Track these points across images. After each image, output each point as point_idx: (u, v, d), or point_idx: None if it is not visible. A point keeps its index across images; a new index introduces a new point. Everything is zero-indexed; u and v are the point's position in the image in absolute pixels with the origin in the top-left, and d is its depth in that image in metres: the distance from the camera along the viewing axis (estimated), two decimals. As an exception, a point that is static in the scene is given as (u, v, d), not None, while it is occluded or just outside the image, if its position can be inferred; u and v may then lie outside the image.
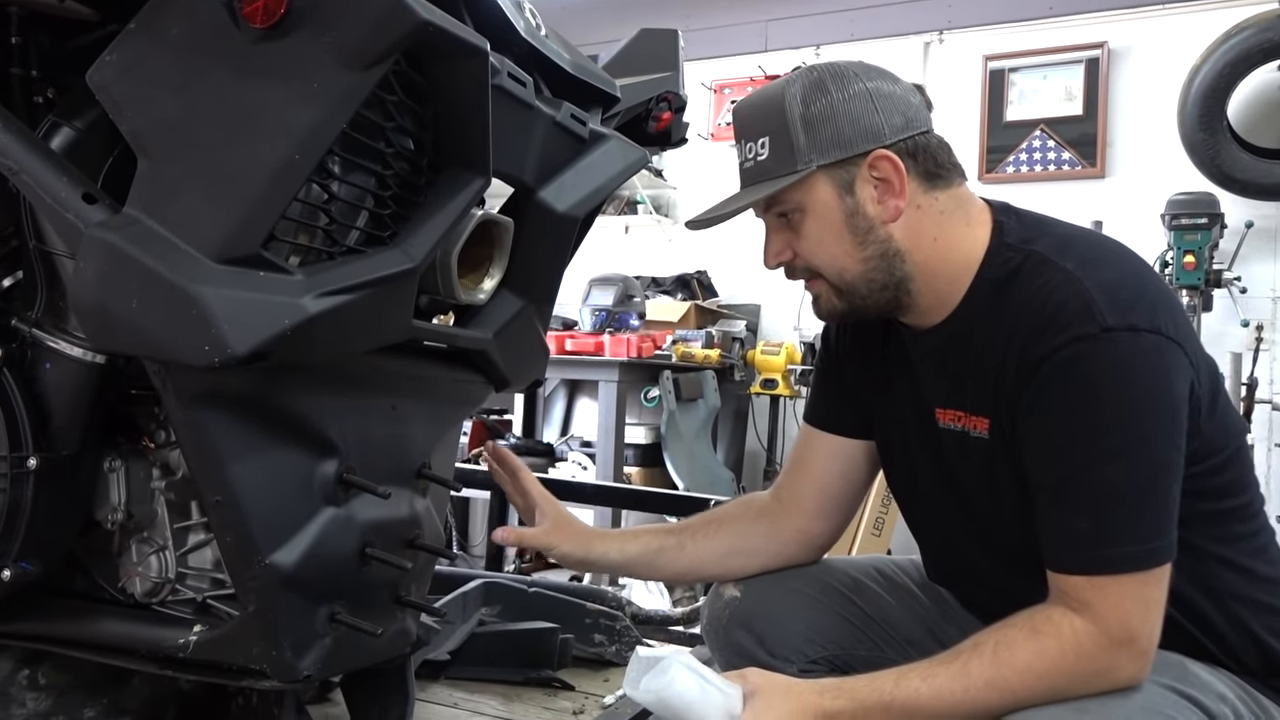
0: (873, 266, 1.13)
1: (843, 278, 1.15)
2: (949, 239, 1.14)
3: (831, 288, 1.17)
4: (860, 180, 1.11)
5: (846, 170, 1.11)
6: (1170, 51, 3.91)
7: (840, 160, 1.11)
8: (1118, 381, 1.01)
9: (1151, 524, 1.02)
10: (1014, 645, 1.02)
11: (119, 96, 0.96)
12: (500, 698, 1.78)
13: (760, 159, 1.14)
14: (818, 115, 1.11)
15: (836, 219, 1.13)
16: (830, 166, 1.11)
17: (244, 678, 1.13)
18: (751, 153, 1.15)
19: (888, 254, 1.13)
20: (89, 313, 0.96)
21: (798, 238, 1.16)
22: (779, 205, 1.15)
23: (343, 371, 1.12)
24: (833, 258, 1.14)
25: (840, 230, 1.13)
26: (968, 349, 1.14)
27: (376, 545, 1.17)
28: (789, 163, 1.12)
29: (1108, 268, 1.07)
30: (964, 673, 1.01)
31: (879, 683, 1.05)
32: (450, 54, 1.02)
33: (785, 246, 1.18)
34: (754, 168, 1.15)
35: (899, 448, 1.29)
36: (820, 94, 1.11)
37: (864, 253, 1.13)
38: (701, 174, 4.67)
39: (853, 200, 1.12)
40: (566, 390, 4.39)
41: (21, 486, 1.08)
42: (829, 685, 1.06)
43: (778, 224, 1.18)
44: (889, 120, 1.11)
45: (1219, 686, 1.06)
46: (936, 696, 1.02)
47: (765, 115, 1.14)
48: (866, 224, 1.12)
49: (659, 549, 1.37)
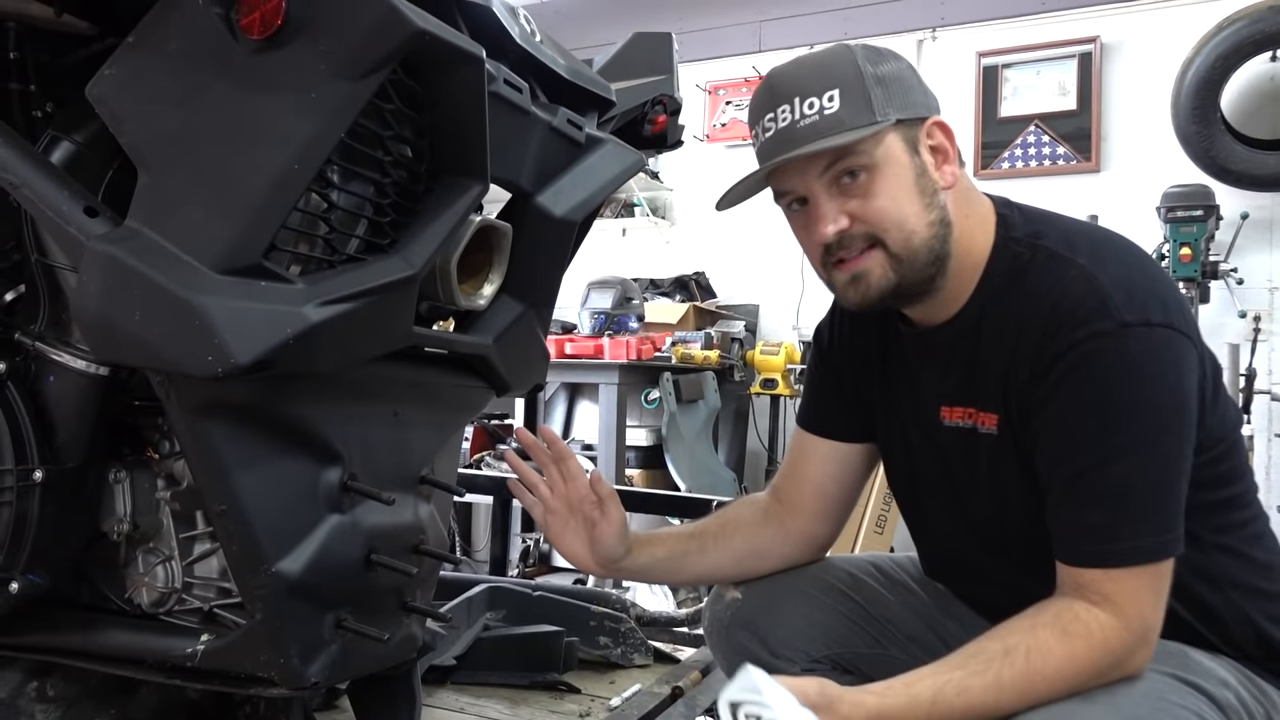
0: (935, 234, 1.10)
1: (909, 242, 1.09)
2: (974, 219, 1.14)
3: (890, 257, 1.10)
4: (921, 144, 1.11)
5: (912, 130, 1.10)
6: (1163, 45, 3.91)
7: (910, 119, 1.10)
8: (1134, 377, 1.02)
9: (1165, 517, 1.02)
10: (1046, 654, 1.00)
11: (118, 110, 0.96)
12: (506, 701, 1.79)
13: (828, 111, 1.07)
14: (889, 75, 1.10)
15: (908, 177, 1.09)
16: (902, 124, 1.09)
17: (251, 686, 1.14)
18: (813, 108, 1.08)
19: (944, 221, 1.11)
20: (92, 325, 0.96)
21: (864, 199, 1.09)
22: (851, 159, 1.08)
23: (345, 379, 1.13)
24: (904, 217, 1.09)
25: (911, 189, 1.10)
26: (978, 343, 1.14)
27: (381, 551, 1.18)
28: (867, 114, 1.07)
29: (1117, 262, 1.07)
30: (997, 684, 1.00)
31: (916, 705, 1.01)
32: (446, 62, 1.02)
33: (842, 213, 1.11)
34: (820, 120, 1.07)
35: (899, 447, 1.29)
36: (882, 59, 1.11)
37: (930, 215, 1.10)
38: (698, 176, 4.67)
39: (919, 161, 1.10)
40: (567, 394, 4.39)
41: (28, 499, 1.08)
42: (870, 706, 1.01)
43: (832, 189, 1.11)
44: (928, 96, 1.13)
45: (1221, 672, 1.07)
46: (968, 710, 1.01)
47: (832, 69, 1.10)
48: (931, 186, 1.10)
49: (683, 554, 1.36)
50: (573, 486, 1.31)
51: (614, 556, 1.31)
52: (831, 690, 1.00)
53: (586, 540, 1.31)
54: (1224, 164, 3.65)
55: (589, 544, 1.31)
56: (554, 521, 1.31)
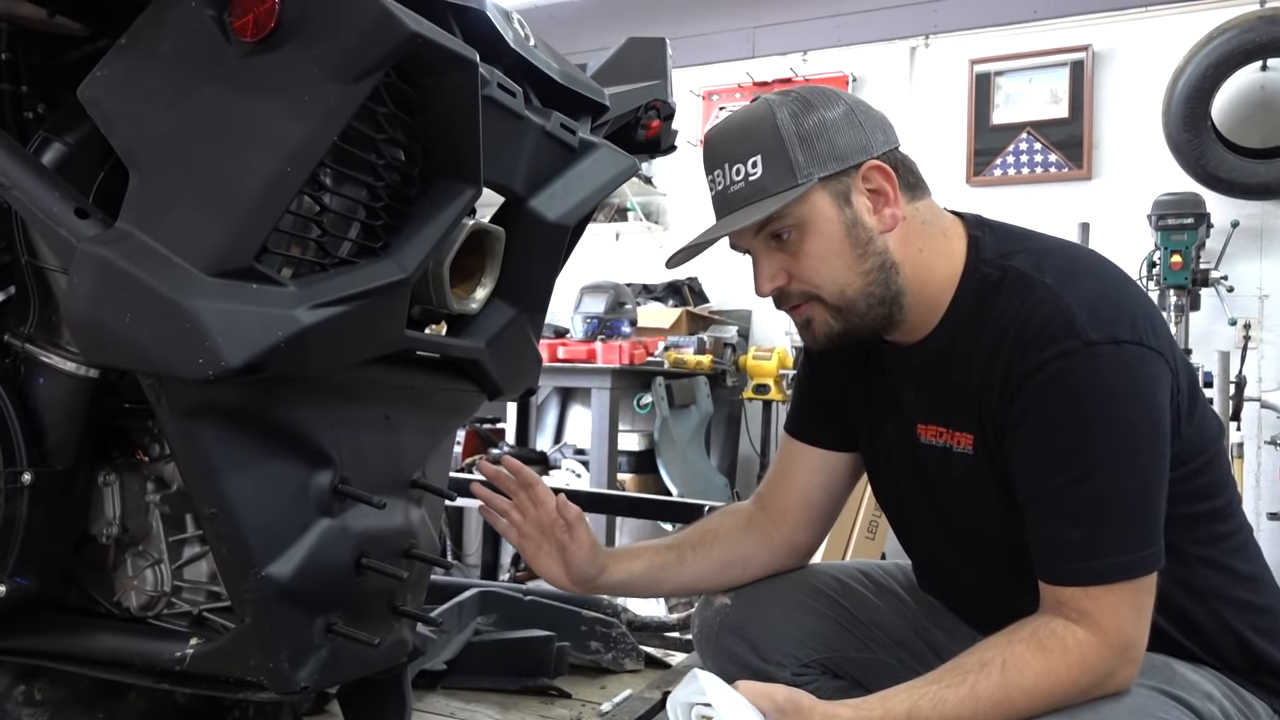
0: (872, 280, 1.12)
1: (844, 294, 1.13)
2: (932, 250, 1.14)
3: (828, 309, 1.14)
4: (855, 192, 1.11)
5: (841, 182, 1.11)
6: (1154, 53, 3.93)
7: (837, 173, 1.10)
8: (1104, 395, 1.02)
9: (1142, 532, 1.03)
10: (1022, 666, 1.01)
11: (110, 111, 0.96)
12: (497, 706, 1.78)
13: (753, 178, 1.11)
14: (811, 130, 1.10)
15: (837, 232, 1.11)
16: (828, 179, 1.10)
17: (241, 690, 1.13)
18: (740, 174, 1.12)
19: (885, 266, 1.12)
20: (82, 327, 0.96)
21: (795, 258, 1.13)
22: (777, 223, 1.12)
23: (336, 382, 1.12)
24: (834, 273, 1.12)
25: (841, 243, 1.11)
26: (950, 365, 1.14)
27: (372, 555, 1.17)
28: (788, 178, 1.09)
29: (1086, 280, 1.07)
30: (973, 696, 1.00)
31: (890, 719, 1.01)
32: (440, 66, 1.02)
33: (779, 270, 1.15)
34: (745, 188, 1.11)
35: (884, 463, 1.29)
36: (809, 111, 1.11)
37: (864, 265, 1.12)
38: (691, 181, 4.67)
39: (851, 212, 1.11)
40: (559, 398, 4.39)
41: (16, 502, 1.08)
42: (844, 718, 1.01)
43: (768, 247, 1.15)
44: (873, 135, 1.12)
45: (1205, 685, 1.08)
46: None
47: (754, 135, 1.12)
48: (866, 235, 1.11)
49: (661, 566, 1.36)
50: (542, 511, 1.33)
51: (587, 576, 1.32)
52: (803, 700, 1.00)
53: (561, 560, 1.32)
54: (1214, 172, 3.67)
55: (563, 564, 1.32)
56: (528, 545, 1.34)
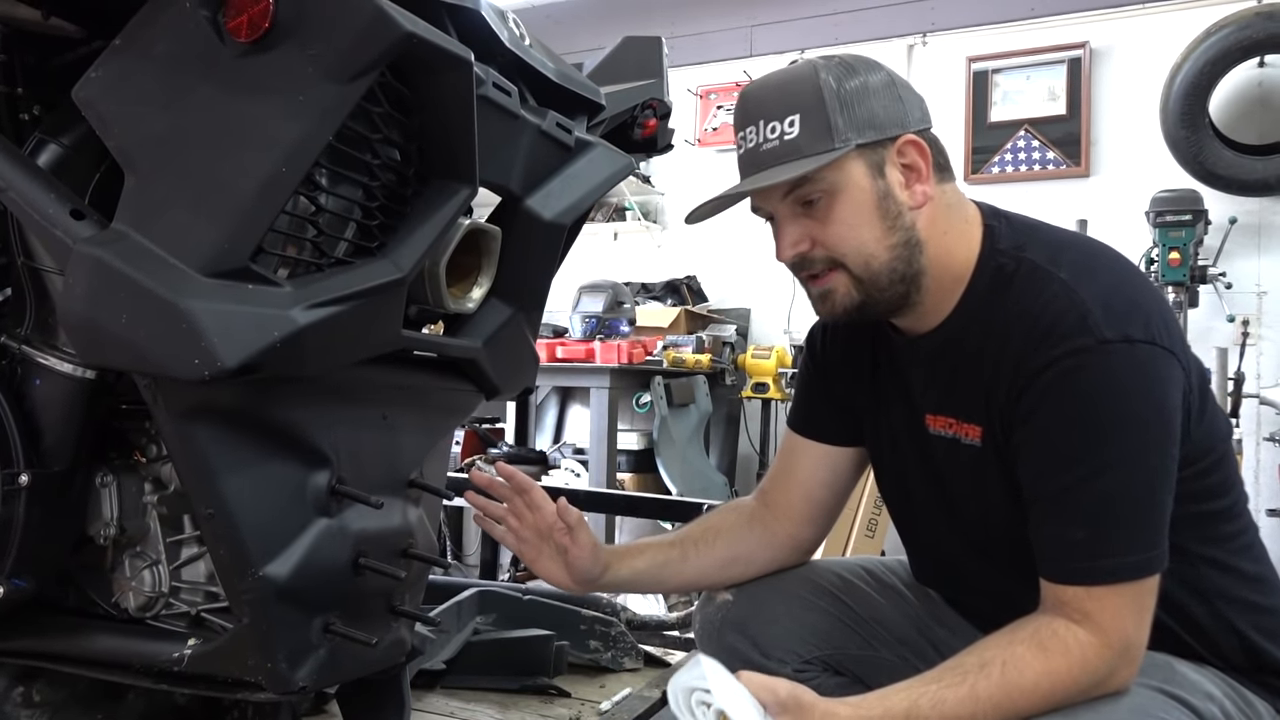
0: (897, 255, 1.10)
1: (869, 266, 1.10)
2: (955, 234, 1.13)
3: (852, 279, 1.11)
4: (889, 164, 1.10)
5: (877, 153, 1.09)
6: (1151, 50, 3.93)
7: (873, 142, 1.08)
8: (1115, 394, 1.01)
9: (1149, 533, 1.02)
10: (1022, 666, 1.00)
11: (105, 112, 0.96)
12: (496, 706, 1.78)
13: (788, 137, 1.08)
14: (853, 94, 1.08)
15: (869, 201, 1.09)
16: (864, 147, 1.08)
17: (239, 690, 1.13)
18: (775, 132, 1.08)
19: (911, 243, 1.10)
20: (78, 328, 0.96)
21: (822, 224, 1.10)
22: (808, 187, 1.09)
23: (333, 382, 1.12)
24: (861, 243, 1.09)
25: (871, 214, 1.09)
26: (960, 356, 1.14)
27: (370, 555, 1.17)
28: (825, 140, 1.07)
29: (1101, 276, 1.07)
30: (973, 696, 1.00)
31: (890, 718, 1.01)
32: (435, 65, 1.02)
33: (804, 235, 1.12)
34: (779, 147, 1.08)
35: (889, 454, 1.29)
36: (851, 75, 1.09)
37: (891, 239, 1.10)
38: (689, 180, 4.68)
39: (884, 184, 1.09)
40: (558, 398, 4.39)
41: (13, 503, 1.08)
42: (843, 717, 1.00)
43: (794, 211, 1.12)
44: (911, 110, 1.11)
45: (1206, 685, 1.07)
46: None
47: (794, 93, 1.09)
48: (896, 209, 1.10)
49: (664, 563, 1.35)
50: (539, 516, 1.32)
51: (590, 576, 1.32)
52: (805, 696, 0.99)
53: (562, 562, 1.31)
54: (1212, 169, 3.67)
55: (565, 566, 1.31)
56: (527, 549, 1.33)
